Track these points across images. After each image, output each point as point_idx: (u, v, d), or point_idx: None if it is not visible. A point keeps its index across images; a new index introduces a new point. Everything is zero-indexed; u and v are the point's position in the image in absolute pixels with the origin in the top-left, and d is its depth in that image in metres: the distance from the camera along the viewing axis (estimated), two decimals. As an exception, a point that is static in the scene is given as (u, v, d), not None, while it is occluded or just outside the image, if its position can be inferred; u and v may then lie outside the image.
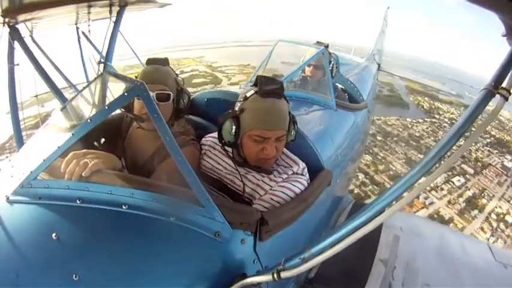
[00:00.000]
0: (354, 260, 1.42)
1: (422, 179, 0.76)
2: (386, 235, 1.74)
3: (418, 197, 22.95)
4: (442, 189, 25.69)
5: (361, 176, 23.82)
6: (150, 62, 1.46)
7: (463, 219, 23.44)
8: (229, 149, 1.34)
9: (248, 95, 1.22)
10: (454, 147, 0.73)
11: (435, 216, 23.02)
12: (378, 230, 1.74)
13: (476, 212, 24.20)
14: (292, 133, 1.29)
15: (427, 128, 35.80)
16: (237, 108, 1.24)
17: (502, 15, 0.66)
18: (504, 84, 0.68)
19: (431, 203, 24.32)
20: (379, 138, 31.72)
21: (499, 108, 0.68)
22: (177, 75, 1.50)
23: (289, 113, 1.26)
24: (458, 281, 1.48)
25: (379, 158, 28.47)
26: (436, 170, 0.70)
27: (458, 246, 1.78)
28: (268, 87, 1.19)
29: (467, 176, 28.06)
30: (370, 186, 23.23)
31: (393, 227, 1.82)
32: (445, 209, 24.15)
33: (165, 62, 1.48)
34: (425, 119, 39.45)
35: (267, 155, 1.20)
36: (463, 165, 28.92)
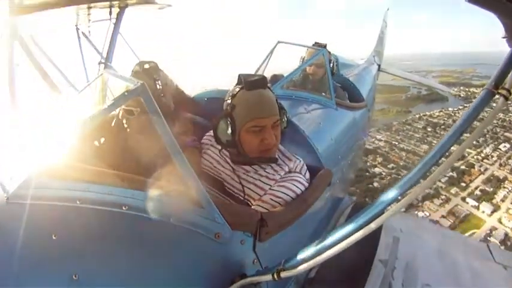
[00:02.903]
0: (354, 261, 1.41)
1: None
2: (386, 236, 1.74)
3: (474, 166, 28.38)
4: (492, 156, 30.13)
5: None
6: (135, 67, 1.50)
7: (515, 176, 27.63)
8: (226, 153, 1.35)
9: (235, 92, 1.25)
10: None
11: (491, 178, 27.37)
12: (377, 231, 1.74)
13: (526, 168, 28.70)
14: (284, 120, 1.32)
15: (468, 112, 42.66)
16: (227, 107, 1.26)
17: (501, 16, 0.66)
18: (504, 85, 0.68)
19: (486, 169, 28.40)
20: (429, 129, 37.64)
21: (500, 108, 0.68)
22: (159, 75, 1.52)
23: (277, 100, 1.29)
24: (458, 282, 1.48)
25: (434, 144, 32.74)
26: (436, 170, 0.70)
27: (458, 247, 1.77)
28: (252, 79, 1.24)
29: (511, 141, 32.55)
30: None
31: (393, 228, 1.82)
32: (498, 171, 28.23)
33: (150, 64, 1.50)
34: (465, 105, 43.66)
35: (269, 144, 1.22)
36: (506, 133, 33.73)
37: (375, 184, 25.55)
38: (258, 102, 1.21)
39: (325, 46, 2.65)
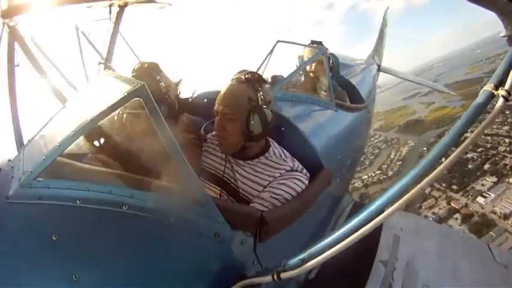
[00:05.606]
0: (354, 261, 1.41)
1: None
2: (387, 235, 1.73)
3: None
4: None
5: (503, 148, 32.58)
6: (136, 66, 1.50)
7: None
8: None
9: None
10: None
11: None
12: (378, 231, 1.74)
13: None
14: (252, 123, 1.22)
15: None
16: None
17: (501, 15, 0.66)
18: (504, 85, 0.68)
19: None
20: (507, 112, 38.54)
21: (499, 109, 0.68)
22: (161, 76, 1.52)
23: (251, 101, 1.23)
24: (458, 282, 1.47)
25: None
26: (436, 169, 0.70)
27: (458, 247, 1.77)
28: (237, 74, 1.33)
29: None
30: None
31: (393, 227, 1.81)
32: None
33: (151, 65, 1.51)
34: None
35: (216, 130, 1.31)
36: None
37: (470, 166, 30.87)
38: (222, 90, 1.32)
39: (320, 43, 2.66)
